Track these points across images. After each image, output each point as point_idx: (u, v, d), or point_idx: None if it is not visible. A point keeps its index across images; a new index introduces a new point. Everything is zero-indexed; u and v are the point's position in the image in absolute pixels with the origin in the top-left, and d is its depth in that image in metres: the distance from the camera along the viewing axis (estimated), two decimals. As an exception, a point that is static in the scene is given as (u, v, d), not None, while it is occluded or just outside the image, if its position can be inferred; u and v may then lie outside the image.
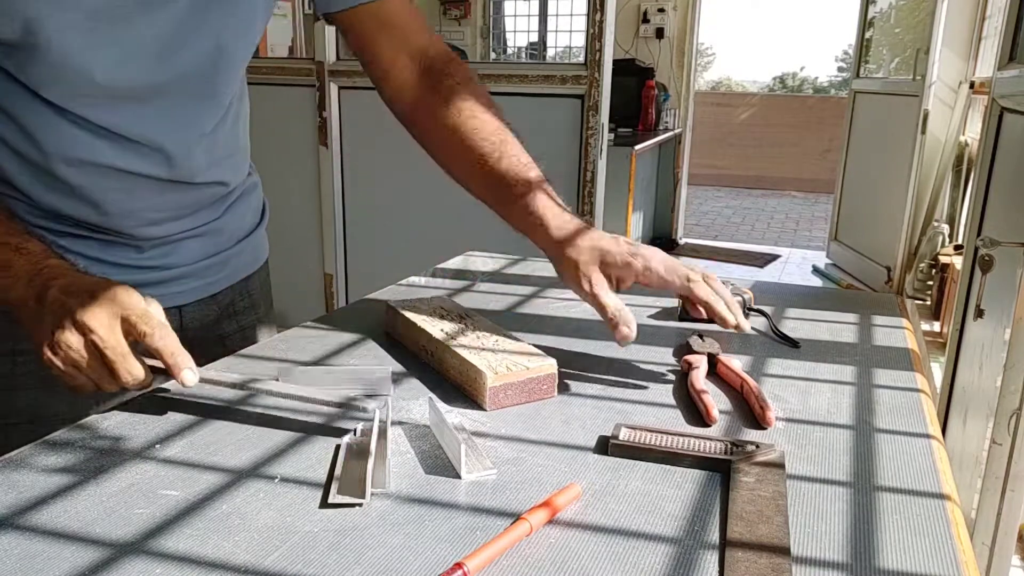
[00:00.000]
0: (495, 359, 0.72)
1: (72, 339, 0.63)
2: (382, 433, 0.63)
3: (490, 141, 0.87)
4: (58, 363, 0.64)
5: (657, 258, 0.78)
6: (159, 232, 0.86)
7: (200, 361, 0.68)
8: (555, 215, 0.82)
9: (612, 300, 0.76)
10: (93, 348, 0.64)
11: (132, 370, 0.64)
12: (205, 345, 0.91)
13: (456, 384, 0.75)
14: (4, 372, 0.82)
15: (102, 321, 0.64)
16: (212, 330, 0.95)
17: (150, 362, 0.66)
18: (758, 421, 0.68)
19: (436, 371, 0.78)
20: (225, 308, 0.96)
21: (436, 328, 0.80)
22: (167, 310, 0.83)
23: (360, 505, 0.54)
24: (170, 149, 0.81)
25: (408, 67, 0.91)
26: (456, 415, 0.69)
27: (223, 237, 0.94)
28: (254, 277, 1.02)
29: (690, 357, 0.79)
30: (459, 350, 0.74)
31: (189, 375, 0.65)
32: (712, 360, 0.79)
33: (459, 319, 0.83)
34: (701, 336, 0.85)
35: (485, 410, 0.69)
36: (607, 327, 0.75)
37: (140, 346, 0.65)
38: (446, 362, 0.76)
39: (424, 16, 0.95)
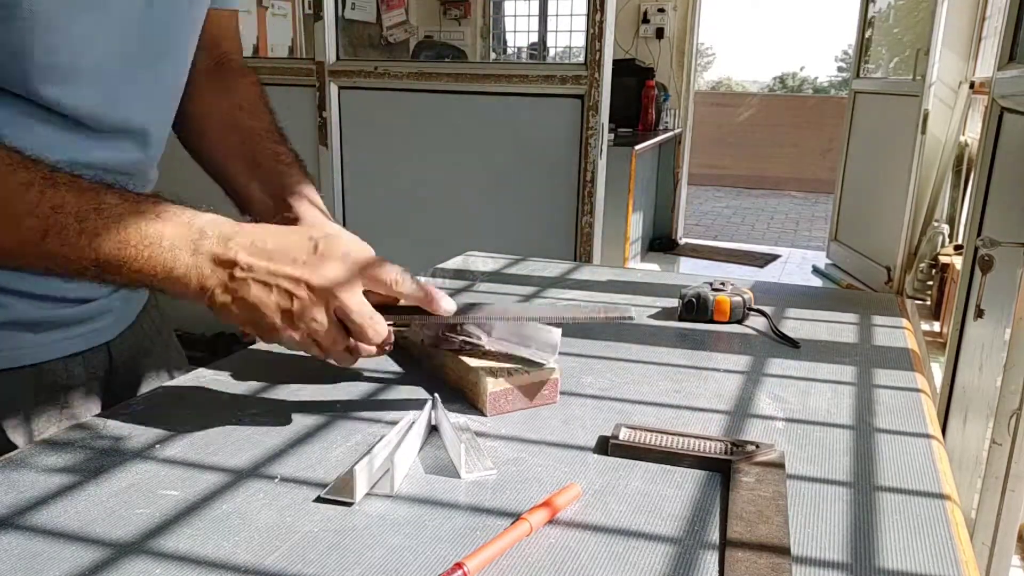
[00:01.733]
0: (496, 363, 0.71)
1: (317, 312, 0.58)
2: (411, 435, 0.61)
3: (259, 132, 0.85)
4: (297, 338, 0.59)
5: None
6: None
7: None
8: (316, 209, 0.79)
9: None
10: (337, 315, 0.58)
11: (380, 329, 0.60)
12: (142, 375, 0.85)
13: (455, 388, 0.74)
14: None
15: (348, 284, 0.58)
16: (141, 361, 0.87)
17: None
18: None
19: (433, 373, 0.78)
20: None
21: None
22: (97, 348, 0.78)
23: (349, 505, 0.54)
24: (151, 130, 0.74)
25: (202, 58, 0.84)
26: (456, 415, 0.69)
27: None
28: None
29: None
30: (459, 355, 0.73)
31: (448, 303, 0.63)
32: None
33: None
34: None
35: (486, 415, 0.69)
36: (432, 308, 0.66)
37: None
38: (446, 365, 0.75)
39: (238, 38, 0.94)
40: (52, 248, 0.56)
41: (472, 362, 0.71)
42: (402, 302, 0.65)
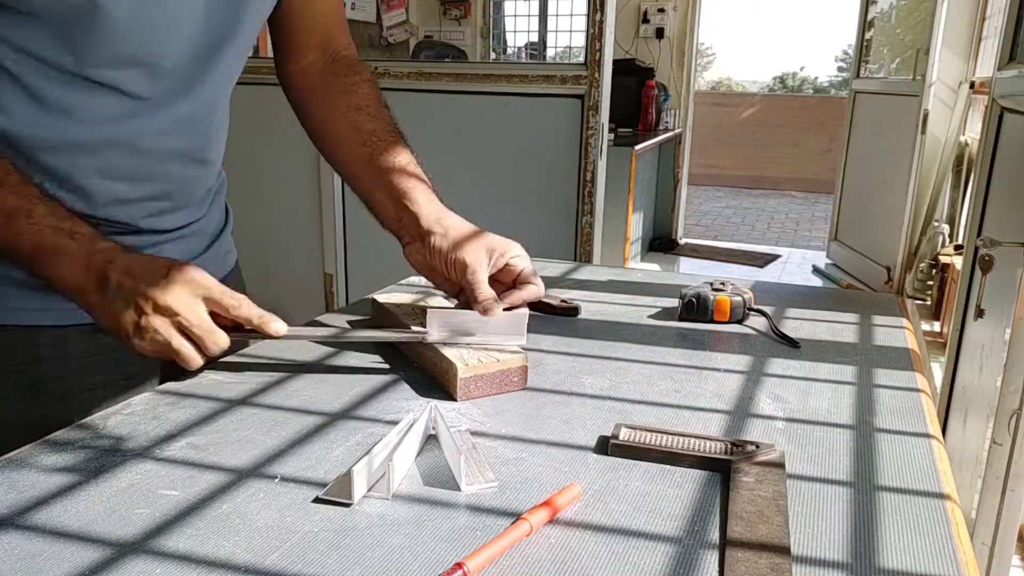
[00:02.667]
0: (467, 352, 0.74)
1: (158, 323, 0.67)
2: (410, 437, 0.62)
3: (379, 134, 0.90)
4: (146, 347, 0.68)
5: (523, 253, 0.84)
6: (156, 225, 0.83)
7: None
8: (430, 202, 0.86)
9: (488, 288, 0.80)
10: (179, 328, 0.68)
11: (219, 341, 0.70)
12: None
13: (431, 376, 0.76)
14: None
15: (186, 302, 0.68)
16: None
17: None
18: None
19: (414, 364, 0.80)
20: None
21: (415, 322, 0.82)
22: None
23: (347, 506, 0.54)
24: (203, 120, 0.83)
25: (318, 57, 0.94)
26: (456, 414, 0.69)
27: (200, 239, 0.91)
28: (228, 281, 0.96)
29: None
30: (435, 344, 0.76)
31: (279, 326, 0.73)
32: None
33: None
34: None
35: (456, 400, 0.72)
36: (476, 306, 0.79)
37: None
38: (423, 355, 0.78)
39: (346, 23, 0.99)
40: None
41: (446, 351, 0.74)
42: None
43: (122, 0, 0.69)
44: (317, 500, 0.55)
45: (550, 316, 0.97)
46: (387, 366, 0.80)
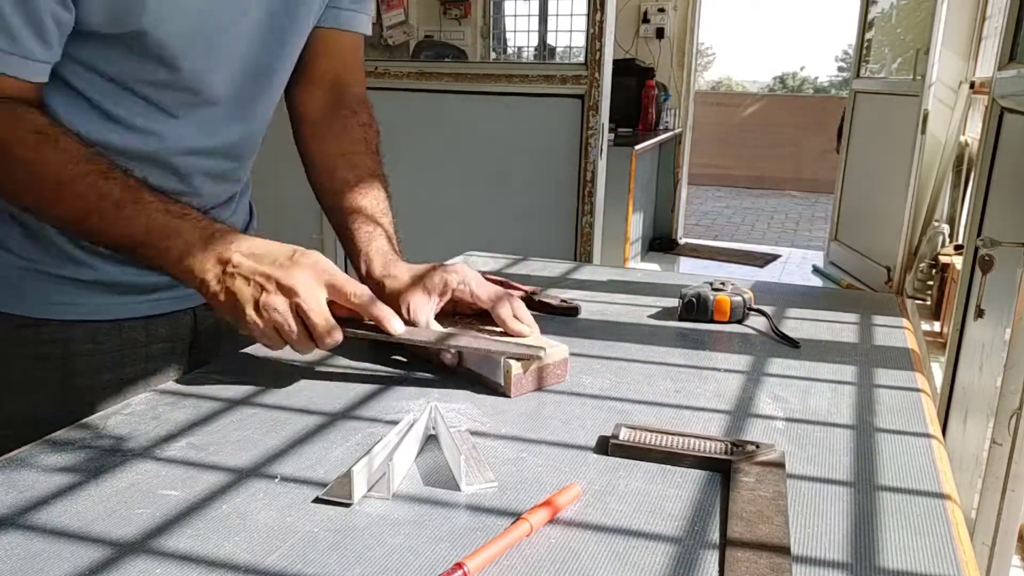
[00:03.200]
0: (505, 349, 0.74)
1: (278, 302, 0.67)
2: (410, 437, 0.62)
3: (352, 183, 0.92)
4: (260, 324, 0.68)
5: (470, 275, 0.81)
6: None
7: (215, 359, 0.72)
8: (383, 255, 0.86)
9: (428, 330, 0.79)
10: (296, 311, 0.68)
11: (334, 333, 0.69)
12: (221, 343, 0.93)
13: (466, 374, 0.76)
14: (24, 376, 0.82)
15: (310, 287, 0.68)
16: (222, 330, 0.95)
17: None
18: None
19: (435, 366, 0.79)
20: None
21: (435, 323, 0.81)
22: (183, 312, 0.89)
23: (347, 506, 0.54)
24: (243, 147, 0.88)
25: (326, 90, 0.97)
26: (456, 414, 0.69)
27: None
28: None
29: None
30: (474, 342, 0.76)
31: (398, 324, 0.72)
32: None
33: (449, 316, 0.84)
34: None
35: (509, 396, 0.72)
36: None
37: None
38: (463, 355, 0.77)
39: (362, 64, 1.03)
40: (94, 224, 0.71)
41: (494, 347, 0.74)
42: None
43: (172, 28, 0.73)
44: (317, 500, 0.55)
45: (550, 316, 0.97)
46: (387, 366, 0.80)
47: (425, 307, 0.79)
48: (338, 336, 0.70)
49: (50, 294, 0.81)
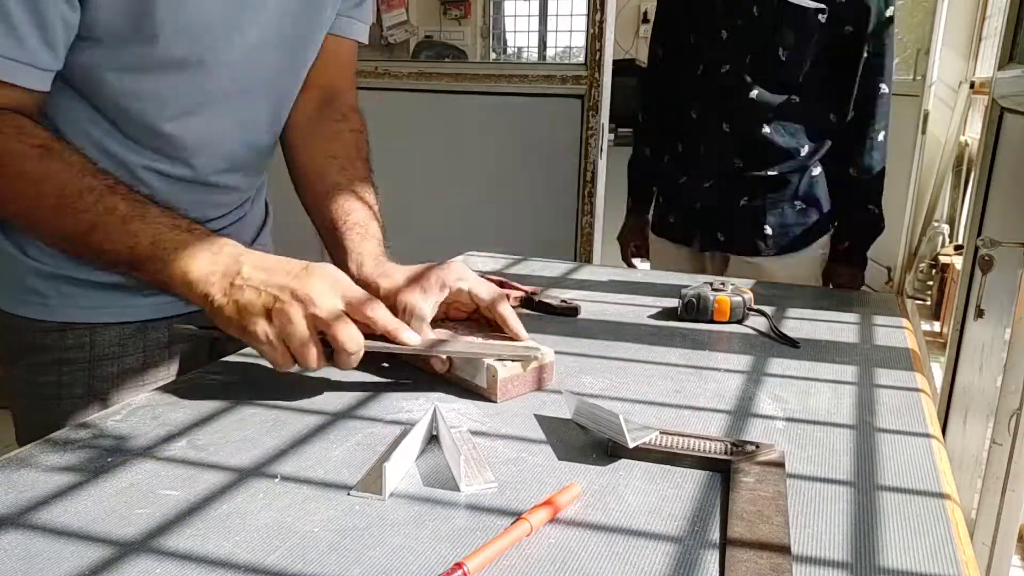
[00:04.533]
0: (499, 352, 0.74)
1: (293, 311, 0.65)
2: (411, 437, 0.62)
3: (343, 187, 0.91)
4: (271, 335, 0.66)
5: (467, 273, 0.80)
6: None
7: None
8: (374, 257, 0.85)
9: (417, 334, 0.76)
10: (313, 323, 0.66)
11: (354, 336, 0.67)
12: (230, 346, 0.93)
13: (455, 380, 0.75)
14: (51, 381, 0.84)
15: (327, 296, 0.66)
16: None
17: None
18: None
19: (427, 370, 0.78)
20: None
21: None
22: (195, 314, 0.89)
23: (381, 501, 0.54)
24: (258, 161, 0.91)
25: (317, 95, 0.96)
26: (456, 414, 0.69)
27: (242, 236, 0.96)
28: None
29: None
30: (460, 346, 0.75)
31: (411, 336, 0.71)
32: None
33: (439, 322, 0.83)
34: None
35: (495, 402, 0.71)
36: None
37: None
38: (450, 361, 0.76)
39: (354, 73, 1.02)
40: (96, 240, 0.70)
41: (488, 351, 0.74)
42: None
43: (176, 47, 0.74)
44: (349, 494, 0.55)
45: (550, 316, 0.97)
46: (387, 366, 0.80)
47: (423, 305, 0.77)
48: (359, 345, 0.67)
49: (75, 298, 0.82)
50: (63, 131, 0.76)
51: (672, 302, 1.00)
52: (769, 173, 1.60)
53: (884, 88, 1.60)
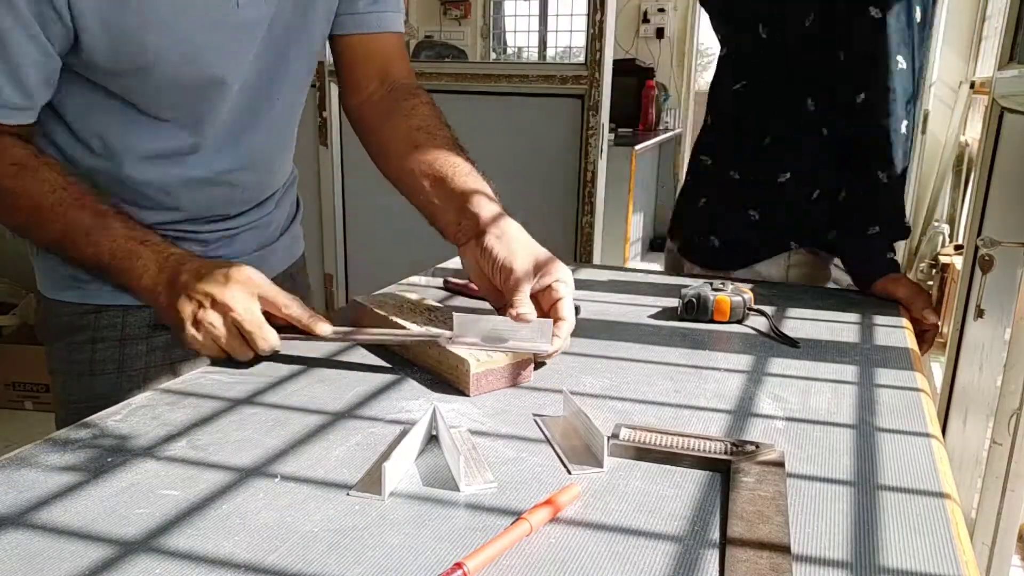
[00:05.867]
0: (475, 348, 0.75)
1: (213, 317, 0.74)
2: (411, 437, 0.62)
3: (441, 150, 0.93)
4: (200, 338, 0.74)
5: (570, 293, 0.81)
6: (227, 226, 0.96)
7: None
8: (491, 205, 0.87)
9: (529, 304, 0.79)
10: (232, 324, 0.74)
11: (268, 338, 0.75)
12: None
13: (435, 373, 0.77)
14: (84, 359, 0.91)
15: (241, 300, 0.74)
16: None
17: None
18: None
19: (412, 362, 0.80)
20: None
21: (409, 322, 0.82)
22: None
23: (381, 501, 0.54)
24: (265, 157, 0.96)
25: (377, 87, 1.01)
26: (456, 414, 0.69)
27: (271, 229, 1.02)
28: (294, 269, 1.10)
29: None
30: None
31: (325, 327, 0.78)
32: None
33: (426, 312, 0.85)
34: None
35: (468, 396, 0.72)
36: (509, 312, 0.78)
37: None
38: (426, 354, 0.78)
39: (406, 54, 1.06)
40: (67, 247, 0.79)
41: (454, 348, 0.75)
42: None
43: (166, 64, 0.79)
44: (349, 494, 0.55)
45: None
46: (388, 365, 0.80)
47: (530, 279, 0.80)
48: (273, 340, 0.75)
49: (108, 284, 0.86)
50: (72, 122, 0.83)
51: (672, 302, 1.00)
52: None
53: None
